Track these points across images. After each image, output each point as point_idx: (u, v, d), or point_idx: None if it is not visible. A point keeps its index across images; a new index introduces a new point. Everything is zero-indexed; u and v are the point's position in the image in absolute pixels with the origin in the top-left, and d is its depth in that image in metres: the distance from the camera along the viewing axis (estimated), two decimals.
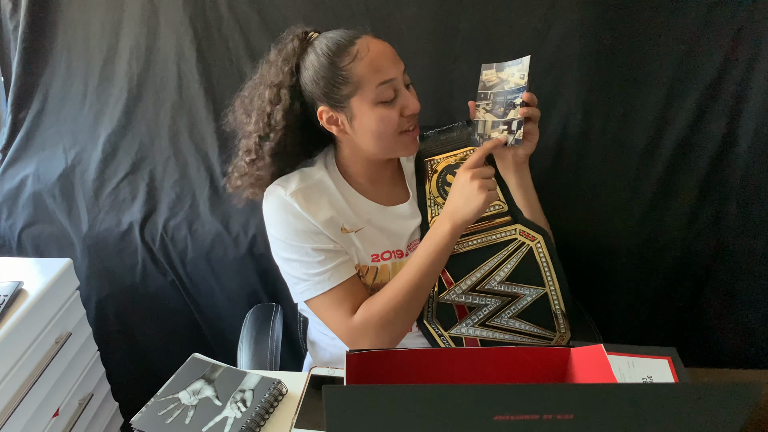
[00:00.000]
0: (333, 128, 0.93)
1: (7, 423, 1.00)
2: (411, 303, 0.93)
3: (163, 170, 1.39)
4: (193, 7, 1.33)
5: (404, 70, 0.92)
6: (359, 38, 0.89)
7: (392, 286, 0.93)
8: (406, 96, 0.91)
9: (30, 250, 1.39)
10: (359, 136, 0.92)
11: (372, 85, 0.88)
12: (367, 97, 0.88)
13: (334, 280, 0.93)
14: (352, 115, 0.90)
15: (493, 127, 0.93)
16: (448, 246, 0.91)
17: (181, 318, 1.45)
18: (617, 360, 0.81)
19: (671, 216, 1.26)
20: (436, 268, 0.92)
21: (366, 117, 0.89)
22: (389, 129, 0.90)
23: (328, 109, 0.91)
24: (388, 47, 0.91)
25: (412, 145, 0.96)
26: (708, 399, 0.49)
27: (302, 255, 0.94)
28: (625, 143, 1.27)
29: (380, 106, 0.89)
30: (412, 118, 0.93)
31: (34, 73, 1.42)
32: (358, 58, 0.87)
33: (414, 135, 0.94)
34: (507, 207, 0.98)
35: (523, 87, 0.90)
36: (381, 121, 0.89)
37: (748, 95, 1.21)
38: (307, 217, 0.93)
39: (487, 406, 0.49)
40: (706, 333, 1.39)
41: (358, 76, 0.87)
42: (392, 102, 0.90)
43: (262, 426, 0.82)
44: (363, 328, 0.92)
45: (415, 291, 0.92)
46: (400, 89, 0.91)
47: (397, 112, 0.90)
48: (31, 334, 1.08)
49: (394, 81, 0.89)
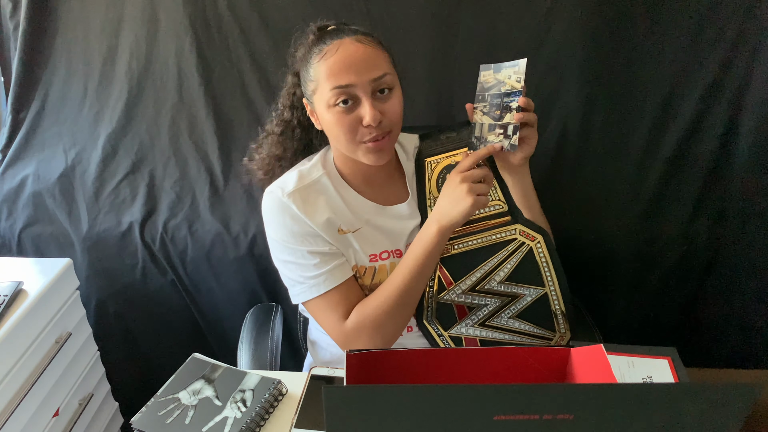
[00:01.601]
0: (314, 120, 0.97)
1: (7, 423, 1.00)
2: (402, 306, 0.93)
3: (163, 170, 1.39)
4: (193, 7, 1.33)
5: (378, 78, 0.87)
6: (337, 39, 0.88)
7: (383, 290, 0.94)
8: (364, 106, 0.87)
9: (30, 250, 1.39)
10: (327, 133, 0.95)
11: (327, 87, 0.87)
12: (323, 97, 0.89)
13: (329, 284, 0.94)
14: (316, 111, 0.93)
15: (490, 130, 0.93)
16: (436, 248, 0.91)
17: (181, 318, 1.45)
18: (617, 360, 0.81)
19: (671, 216, 1.26)
20: (425, 271, 0.93)
21: (323, 116, 0.91)
22: (343, 134, 0.89)
23: (306, 101, 0.96)
24: (363, 51, 0.87)
25: (374, 155, 0.91)
26: (708, 399, 0.49)
27: (298, 257, 0.95)
28: (625, 143, 1.27)
29: (334, 109, 0.88)
30: (372, 128, 0.88)
31: (34, 73, 1.42)
32: (325, 57, 0.88)
33: (378, 146, 0.90)
34: (507, 207, 0.98)
35: (519, 91, 0.89)
36: (335, 124, 0.89)
37: (748, 95, 1.21)
38: (304, 219, 0.94)
39: (487, 406, 0.49)
40: (706, 333, 1.39)
41: (318, 75, 0.89)
42: (349, 109, 0.88)
43: (262, 426, 0.82)
44: (356, 331, 0.93)
45: (405, 293, 0.92)
46: (360, 98, 0.87)
47: (352, 119, 0.88)
48: (31, 334, 1.08)
49: (350, 87, 0.86)
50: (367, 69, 0.87)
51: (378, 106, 0.88)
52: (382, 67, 0.88)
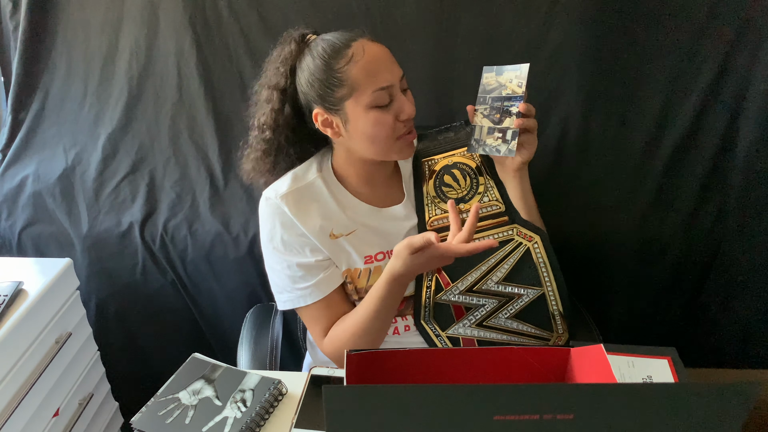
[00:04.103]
0: (328, 131, 0.93)
1: (7, 423, 1.00)
2: (372, 330, 0.94)
3: (163, 170, 1.39)
4: (193, 7, 1.33)
5: (402, 75, 0.91)
6: (356, 41, 0.88)
7: (355, 313, 0.96)
8: (401, 100, 0.90)
9: (30, 250, 1.39)
10: (354, 139, 0.92)
11: (368, 90, 0.87)
12: (362, 101, 0.87)
13: (314, 296, 0.96)
14: (347, 118, 0.90)
15: (489, 134, 0.93)
16: (392, 294, 0.90)
17: (181, 318, 1.45)
18: (617, 360, 0.82)
19: (671, 216, 1.26)
20: (385, 312, 0.93)
21: (360, 120, 0.89)
22: (384, 133, 0.90)
23: (323, 111, 0.91)
24: (385, 51, 0.90)
25: (408, 149, 0.95)
26: (708, 399, 0.49)
27: (285, 267, 0.97)
28: (625, 144, 1.27)
29: (375, 110, 0.88)
30: (408, 122, 0.92)
31: (34, 73, 1.42)
32: (354, 60, 0.86)
33: (410, 139, 0.93)
34: (504, 207, 0.98)
35: (520, 96, 0.89)
36: (376, 124, 0.89)
37: (747, 95, 1.21)
38: (295, 223, 0.95)
39: (487, 406, 0.49)
40: (706, 333, 1.39)
41: (352, 79, 0.87)
42: (387, 106, 0.89)
43: (262, 426, 0.82)
44: (330, 354, 0.98)
45: (375, 319, 0.93)
46: (396, 94, 0.89)
47: (392, 116, 0.89)
48: (31, 334, 1.08)
49: (390, 87, 0.88)
50: (392, 66, 0.90)
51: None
52: (398, 65, 0.91)
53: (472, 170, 1.02)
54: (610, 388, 0.52)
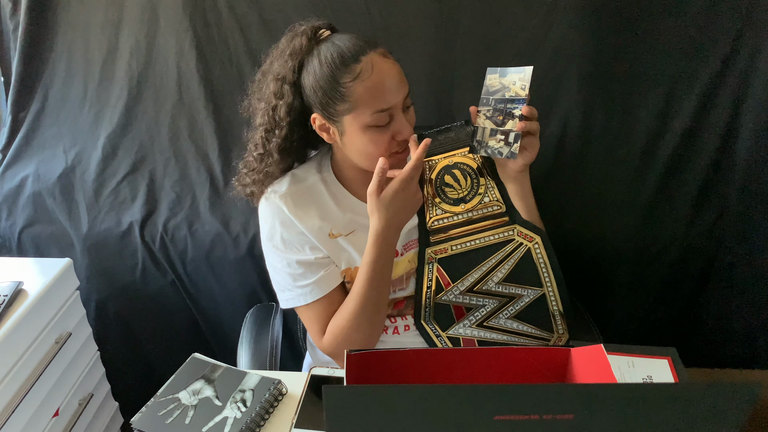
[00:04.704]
0: (324, 135, 0.93)
1: (7, 423, 1.00)
2: (365, 316, 0.93)
3: (163, 170, 1.39)
4: (193, 7, 1.33)
5: (407, 93, 0.89)
6: (366, 55, 0.85)
7: (346, 304, 0.95)
8: (400, 122, 0.88)
9: (30, 250, 1.39)
10: (348, 150, 0.92)
11: (368, 110, 0.86)
12: (361, 120, 0.86)
13: (315, 294, 0.96)
14: (344, 130, 0.89)
15: (491, 135, 0.93)
16: (382, 253, 0.90)
17: (181, 318, 1.45)
18: (617, 360, 0.82)
19: (671, 216, 1.26)
20: (379, 278, 0.92)
21: (357, 137, 0.88)
22: (378, 151, 0.89)
23: (321, 117, 0.90)
24: (394, 69, 0.88)
25: (399, 165, 0.92)
26: (708, 399, 0.49)
27: (285, 265, 0.96)
28: (625, 143, 1.27)
29: (372, 129, 0.87)
30: (403, 142, 0.91)
31: (34, 73, 1.42)
32: (360, 78, 0.84)
33: (402, 158, 0.93)
34: (505, 207, 0.98)
35: (523, 99, 0.89)
36: (370, 143, 0.88)
37: (748, 95, 1.21)
38: (294, 222, 0.95)
39: (487, 406, 0.49)
40: (706, 333, 1.39)
41: (356, 97, 0.85)
42: (386, 126, 0.88)
43: (262, 426, 0.82)
44: (332, 348, 0.96)
45: (370, 289, 0.91)
46: (396, 115, 0.88)
47: (388, 136, 0.89)
48: (31, 334, 1.08)
49: (390, 109, 0.87)
50: (401, 87, 0.88)
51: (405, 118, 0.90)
52: (406, 82, 0.89)
53: (472, 170, 1.01)
54: (610, 388, 0.52)
